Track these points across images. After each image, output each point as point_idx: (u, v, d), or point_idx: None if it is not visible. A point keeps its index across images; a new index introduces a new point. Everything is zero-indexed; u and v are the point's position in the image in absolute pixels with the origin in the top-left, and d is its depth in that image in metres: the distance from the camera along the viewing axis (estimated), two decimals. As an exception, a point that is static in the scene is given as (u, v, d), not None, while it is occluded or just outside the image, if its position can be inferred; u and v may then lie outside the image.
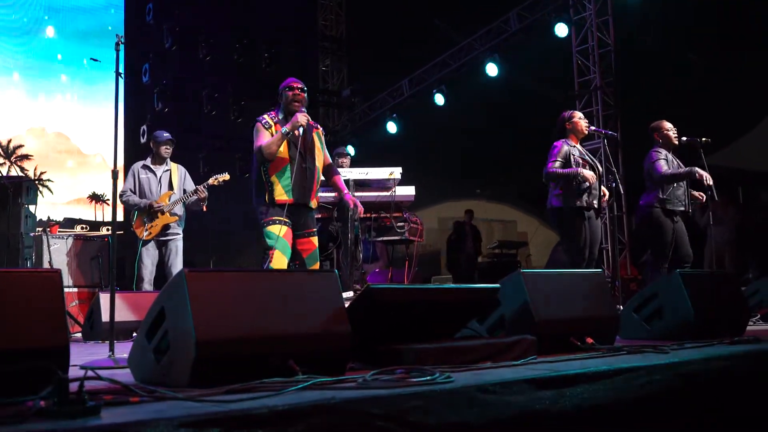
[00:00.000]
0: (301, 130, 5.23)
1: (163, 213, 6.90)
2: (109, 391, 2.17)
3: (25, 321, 2.30)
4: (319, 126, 5.59)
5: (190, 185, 7.14)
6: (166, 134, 7.19)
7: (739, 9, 11.70)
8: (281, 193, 5.18)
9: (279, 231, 5.14)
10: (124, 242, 8.27)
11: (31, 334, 2.29)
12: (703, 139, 6.70)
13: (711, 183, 6.51)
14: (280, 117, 5.36)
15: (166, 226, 6.94)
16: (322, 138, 5.56)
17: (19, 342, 2.26)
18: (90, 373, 2.02)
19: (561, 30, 11.17)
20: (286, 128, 5.16)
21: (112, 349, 3.63)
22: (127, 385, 2.21)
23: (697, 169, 6.41)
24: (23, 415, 1.83)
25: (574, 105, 11.74)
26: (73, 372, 2.28)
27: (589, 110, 11.61)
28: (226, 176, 7.01)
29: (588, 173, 6.02)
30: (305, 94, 5.38)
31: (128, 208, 7.09)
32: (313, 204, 5.42)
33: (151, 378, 2.57)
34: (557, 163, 6.14)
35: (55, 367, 1.98)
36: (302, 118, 5.18)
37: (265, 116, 5.36)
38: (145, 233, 6.89)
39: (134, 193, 7.01)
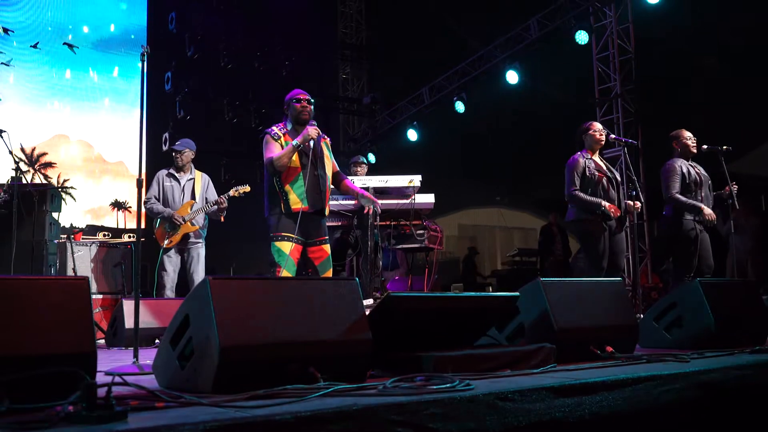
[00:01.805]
0: (312, 142, 5.31)
1: (182, 224, 6.97)
2: (135, 396, 2.21)
3: (53, 327, 2.34)
4: (326, 137, 5.63)
5: (213, 194, 7.21)
6: (178, 143, 7.28)
7: (761, 15, 11.62)
8: (296, 202, 5.24)
9: (287, 248, 5.21)
10: (145, 249, 8.36)
11: (59, 340, 2.34)
12: (725, 147, 6.68)
13: (734, 190, 6.51)
14: (289, 128, 5.43)
15: (187, 235, 7.01)
16: (330, 148, 5.62)
17: (48, 348, 2.31)
18: (117, 378, 2.06)
19: (581, 37, 11.15)
20: (296, 141, 5.24)
21: (136, 356, 3.67)
22: (153, 390, 2.25)
23: (704, 208, 6.36)
24: (52, 419, 1.87)
25: (594, 112, 11.74)
26: (99, 378, 2.33)
27: (609, 118, 11.59)
28: (247, 188, 7.07)
29: (610, 208, 5.99)
30: (312, 106, 5.45)
31: (151, 215, 7.16)
32: (326, 211, 5.48)
33: (175, 384, 2.61)
34: (577, 182, 6.13)
35: (83, 373, 2.02)
36: (313, 131, 5.26)
37: (274, 128, 5.45)
38: (166, 242, 6.97)
39: (158, 200, 7.09)
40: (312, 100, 5.48)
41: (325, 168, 5.45)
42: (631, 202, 6.23)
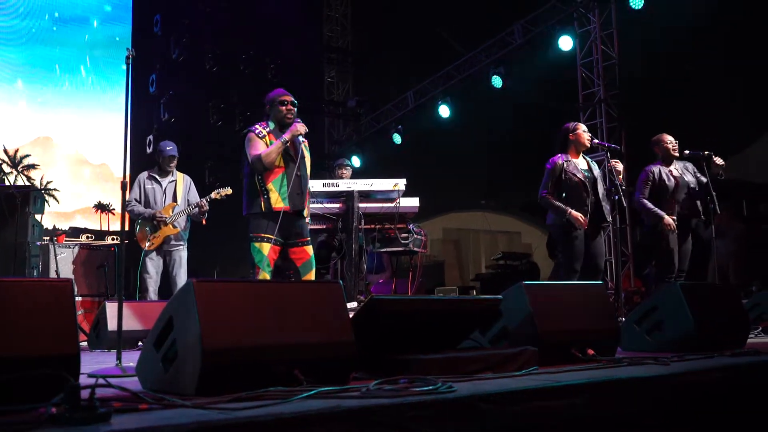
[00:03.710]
0: (300, 138, 5.33)
1: (165, 224, 6.96)
2: (118, 398, 2.21)
3: (37, 329, 2.34)
4: (305, 138, 5.62)
5: (195, 196, 7.20)
6: (169, 148, 7.21)
7: (742, 21, 11.75)
8: (278, 201, 5.25)
9: (265, 249, 5.22)
10: (128, 252, 8.33)
11: (42, 342, 2.34)
12: (706, 152, 6.75)
13: (713, 194, 6.60)
14: (272, 127, 5.43)
15: (168, 237, 6.99)
16: (308, 149, 5.63)
17: (31, 350, 2.31)
18: (101, 380, 2.07)
19: (565, 43, 11.22)
20: (285, 137, 5.25)
21: (119, 358, 3.67)
22: (136, 392, 2.26)
23: (663, 220, 6.57)
24: (36, 421, 1.88)
25: (578, 117, 11.80)
26: (82, 380, 2.33)
27: (593, 123, 11.66)
28: (229, 190, 7.07)
29: (576, 216, 6.04)
30: (296, 108, 5.46)
31: (133, 218, 7.14)
32: (306, 212, 5.49)
33: (158, 386, 2.61)
34: (550, 186, 6.20)
35: (67, 375, 2.03)
36: (301, 127, 5.29)
37: (257, 126, 5.44)
38: (148, 244, 6.94)
39: (139, 202, 7.07)
40: (296, 102, 5.49)
41: (306, 168, 5.48)
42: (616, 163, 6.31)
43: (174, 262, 7.04)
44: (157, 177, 7.16)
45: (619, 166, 6.32)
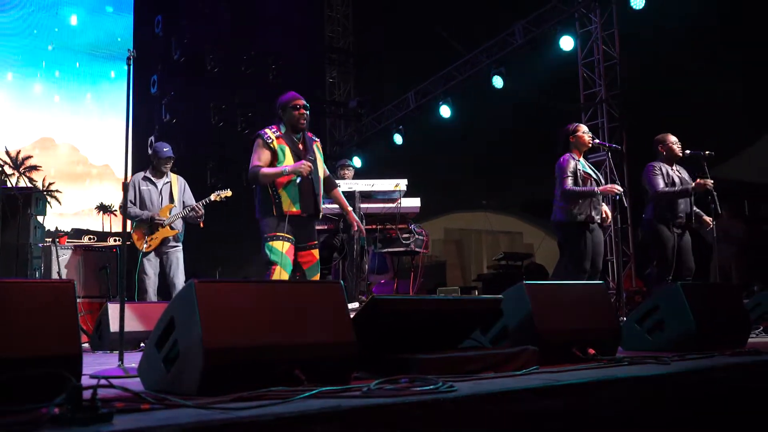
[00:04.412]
0: (305, 146, 5.30)
1: (163, 226, 6.95)
2: (120, 398, 2.22)
3: (39, 330, 2.36)
4: (317, 139, 5.62)
5: (189, 197, 7.18)
6: (166, 149, 7.17)
7: (742, 21, 11.75)
8: (289, 205, 5.22)
9: (282, 247, 5.19)
10: (130, 253, 8.33)
11: (45, 343, 2.35)
12: (707, 152, 6.74)
13: (714, 195, 6.58)
14: (283, 131, 5.37)
15: (166, 239, 6.98)
16: (321, 151, 5.61)
17: (34, 351, 2.32)
18: (103, 381, 2.07)
19: (566, 43, 11.19)
20: (287, 169, 5.18)
21: (121, 359, 3.68)
22: (138, 392, 2.26)
23: (692, 186, 6.49)
24: (38, 421, 1.88)
25: (579, 117, 11.79)
26: (84, 380, 2.34)
27: (594, 123, 11.66)
28: (228, 192, 7.03)
29: (609, 188, 6.09)
30: (308, 112, 5.44)
31: (129, 220, 7.10)
32: (320, 214, 5.48)
33: (160, 386, 2.62)
34: (570, 179, 6.17)
35: (69, 375, 2.04)
36: (305, 169, 5.20)
37: (267, 131, 5.35)
38: (145, 245, 6.92)
39: (135, 204, 7.04)
40: (308, 106, 5.46)
41: (318, 171, 5.46)
42: (605, 209, 6.32)
43: (171, 263, 7.02)
44: (152, 178, 7.13)
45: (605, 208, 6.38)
